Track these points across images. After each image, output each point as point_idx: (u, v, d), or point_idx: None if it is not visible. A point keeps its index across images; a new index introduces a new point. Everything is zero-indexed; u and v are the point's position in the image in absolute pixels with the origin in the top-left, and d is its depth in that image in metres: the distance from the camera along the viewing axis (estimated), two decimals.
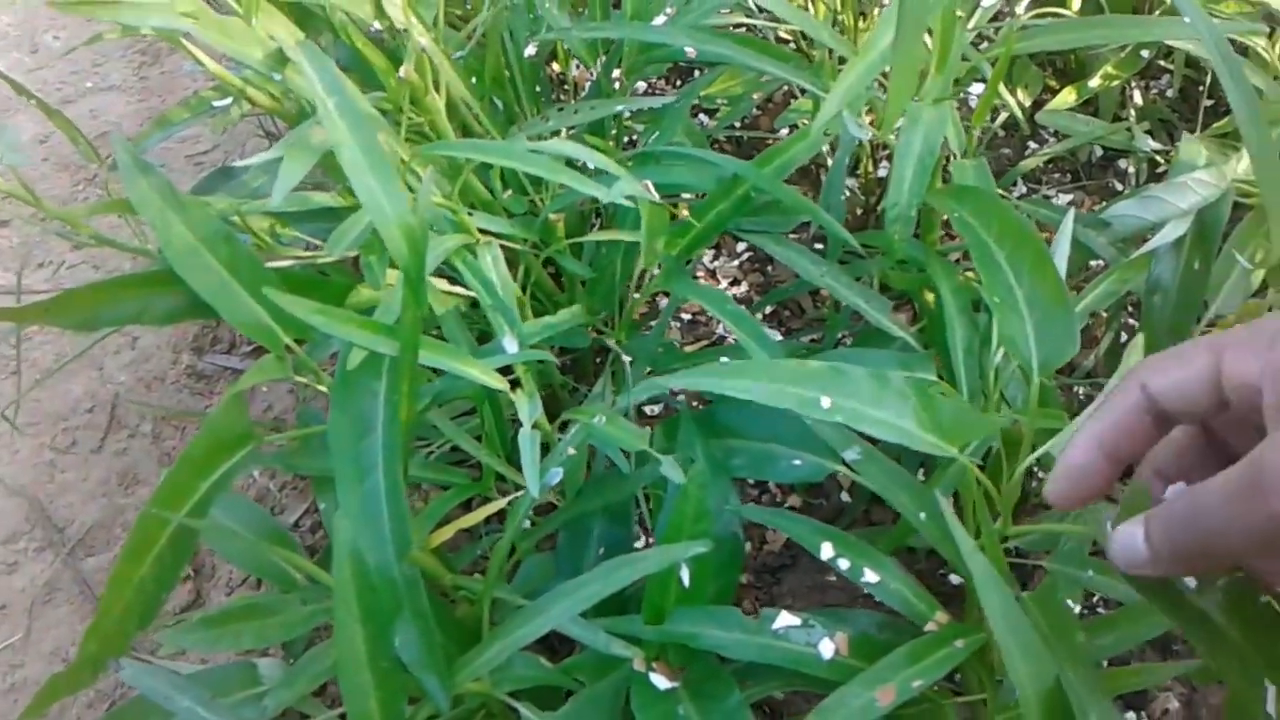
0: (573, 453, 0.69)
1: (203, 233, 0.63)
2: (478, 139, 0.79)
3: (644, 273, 0.80)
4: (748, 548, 0.88)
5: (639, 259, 0.76)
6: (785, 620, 0.61)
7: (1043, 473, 0.54)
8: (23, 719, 0.60)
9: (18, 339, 1.17)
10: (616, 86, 0.88)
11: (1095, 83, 1.05)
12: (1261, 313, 0.78)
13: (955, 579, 0.84)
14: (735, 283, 1.08)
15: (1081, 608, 0.77)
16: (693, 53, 0.81)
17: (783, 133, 1.18)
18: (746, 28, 1.06)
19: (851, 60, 0.72)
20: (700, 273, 1.09)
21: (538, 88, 0.90)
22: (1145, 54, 1.07)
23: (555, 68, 1.14)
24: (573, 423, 0.70)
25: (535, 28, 0.87)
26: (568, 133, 0.86)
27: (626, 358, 0.81)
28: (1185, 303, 0.77)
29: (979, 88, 1.06)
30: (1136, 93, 1.14)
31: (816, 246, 0.87)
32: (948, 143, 0.74)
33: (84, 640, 0.59)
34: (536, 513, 0.79)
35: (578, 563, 0.73)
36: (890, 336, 0.76)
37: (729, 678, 0.62)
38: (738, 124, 1.17)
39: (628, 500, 0.75)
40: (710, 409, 0.77)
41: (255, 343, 0.75)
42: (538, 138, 0.77)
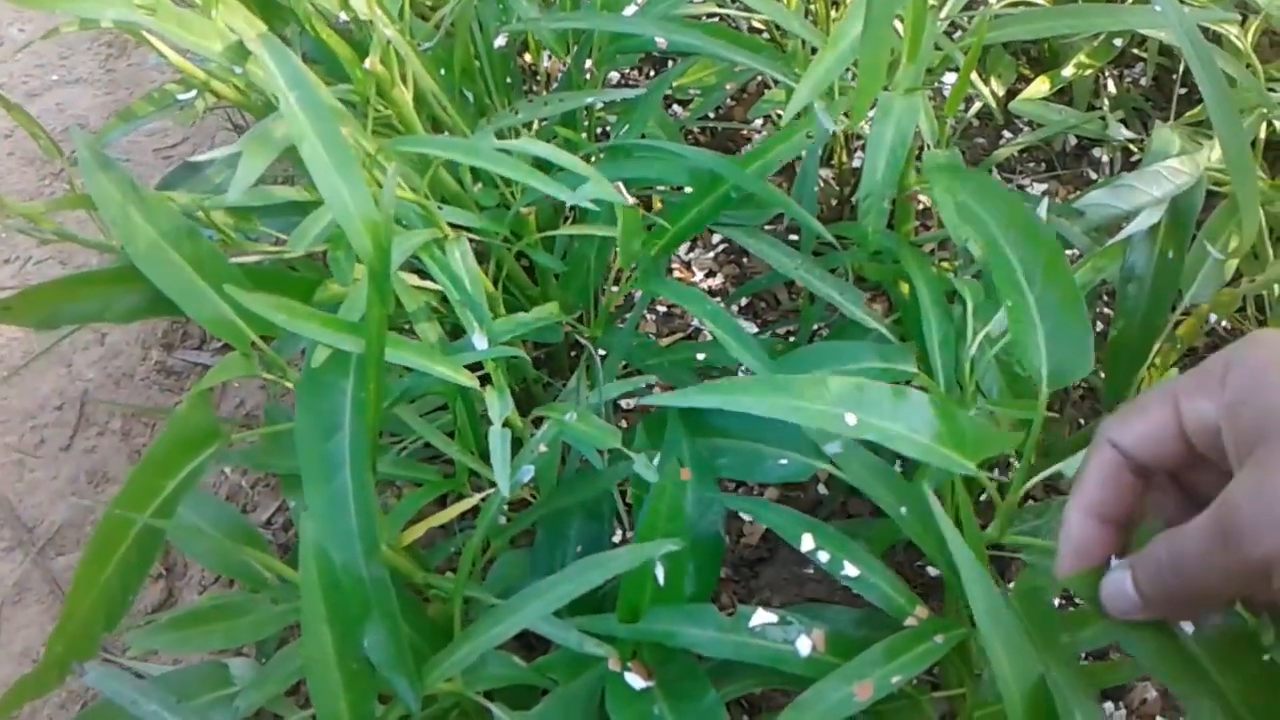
0: (544, 450, 0.68)
1: (165, 228, 0.61)
2: (446, 132, 0.78)
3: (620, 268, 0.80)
4: (725, 541, 0.87)
5: (614, 252, 0.75)
6: (762, 618, 0.60)
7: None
8: None
9: None
10: (588, 78, 0.87)
11: (1069, 71, 1.05)
12: (1236, 302, 0.78)
13: (933, 570, 0.84)
14: (711, 274, 1.07)
15: (1060, 599, 0.77)
16: (663, 43, 0.81)
17: (756, 123, 1.17)
18: (719, 17, 1.05)
19: (822, 50, 0.71)
20: (675, 264, 1.08)
21: (509, 79, 0.88)
22: (1119, 42, 1.07)
23: (528, 59, 1.13)
24: (546, 418, 0.69)
25: (505, 18, 0.86)
26: (539, 124, 0.85)
27: (600, 353, 0.80)
28: (1160, 291, 0.77)
29: (952, 77, 1.06)
30: (1110, 81, 1.14)
31: (792, 238, 0.86)
32: (921, 133, 0.73)
33: (50, 642, 0.59)
34: (511, 508, 0.79)
35: (555, 560, 0.73)
36: (866, 328, 0.76)
37: (704, 676, 0.61)
38: (711, 114, 1.16)
39: (603, 497, 0.74)
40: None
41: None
42: (508, 130, 0.77)
